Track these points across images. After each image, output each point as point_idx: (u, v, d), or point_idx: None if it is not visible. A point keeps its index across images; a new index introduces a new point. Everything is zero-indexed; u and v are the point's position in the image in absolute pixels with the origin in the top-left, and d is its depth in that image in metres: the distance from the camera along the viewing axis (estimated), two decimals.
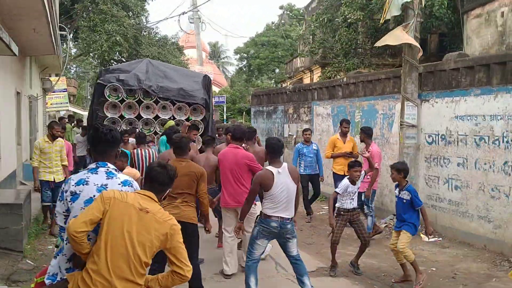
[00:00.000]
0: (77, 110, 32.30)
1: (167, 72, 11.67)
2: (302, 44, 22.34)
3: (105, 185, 3.04)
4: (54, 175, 7.91)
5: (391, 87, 9.25)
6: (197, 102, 10.98)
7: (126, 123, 11.13)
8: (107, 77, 10.99)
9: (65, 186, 3.07)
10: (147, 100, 11.00)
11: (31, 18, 8.82)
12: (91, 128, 3.29)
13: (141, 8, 26.58)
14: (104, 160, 3.15)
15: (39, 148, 7.79)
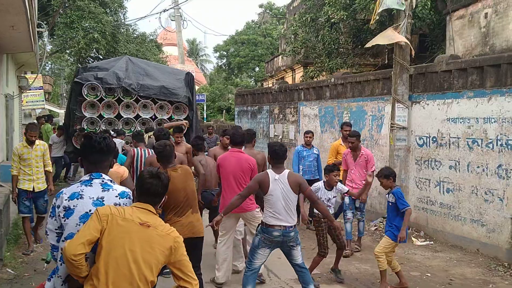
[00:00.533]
0: (52, 108, 31.55)
1: (147, 69, 11.36)
2: (285, 43, 22.20)
3: (101, 198, 2.81)
4: (34, 183, 7.09)
5: (381, 89, 9.16)
6: (180, 100, 10.72)
7: (106, 123, 10.81)
8: (85, 75, 10.68)
9: (57, 201, 2.81)
10: (127, 98, 10.74)
11: (10, 15, 8.40)
12: (83, 138, 3.01)
13: (118, 5, 26.07)
14: (98, 171, 2.91)
15: (18, 154, 6.95)
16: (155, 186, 2.78)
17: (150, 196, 2.79)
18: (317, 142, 10.99)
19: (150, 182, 2.78)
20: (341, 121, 10.21)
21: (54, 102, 37.14)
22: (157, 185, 2.78)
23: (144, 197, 2.79)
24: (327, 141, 10.70)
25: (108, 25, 22.94)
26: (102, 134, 3.03)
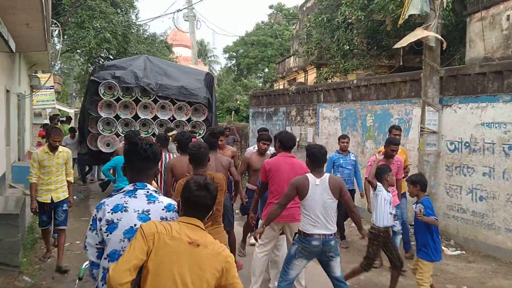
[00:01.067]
0: (62, 107, 31.37)
1: (166, 69, 10.97)
2: (298, 44, 21.91)
3: (147, 211, 2.53)
4: (53, 194, 6.43)
5: (408, 91, 8.84)
6: (199, 101, 10.33)
7: (122, 124, 10.44)
8: (101, 73, 10.30)
9: (98, 213, 2.54)
10: (145, 99, 10.33)
11: (26, 13, 8.18)
12: (128, 144, 2.72)
13: (130, 5, 25.91)
14: (142, 180, 2.64)
15: (38, 160, 6.29)
16: (203, 198, 2.48)
17: (198, 209, 2.50)
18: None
19: (199, 195, 2.47)
20: (364, 123, 9.91)
21: (63, 101, 36.99)
22: (205, 197, 2.48)
23: (192, 211, 2.49)
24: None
25: (119, 25, 22.76)
26: (147, 140, 2.73)
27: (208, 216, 2.57)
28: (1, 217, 6.12)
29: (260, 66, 40.11)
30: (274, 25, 36.44)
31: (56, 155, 6.34)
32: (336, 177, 4.61)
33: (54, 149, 6.30)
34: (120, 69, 10.49)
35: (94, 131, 10.57)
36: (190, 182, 2.54)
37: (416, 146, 8.49)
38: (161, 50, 27.28)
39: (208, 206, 2.52)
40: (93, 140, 10.69)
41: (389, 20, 15.90)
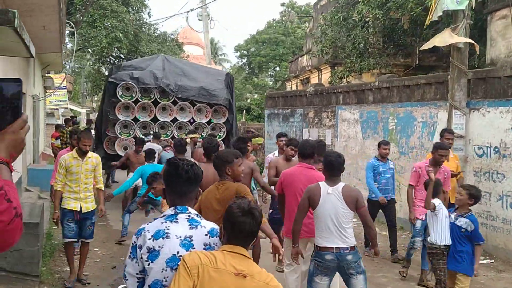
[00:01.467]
0: (74, 107, 31.43)
1: (185, 69, 10.62)
2: (312, 43, 21.65)
3: (190, 238, 2.35)
4: (82, 203, 5.87)
5: (433, 93, 8.59)
6: (220, 102, 10.02)
7: (140, 126, 10.17)
8: (119, 74, 9.99)
9: (138, 240, 2.37)
10: (164, 100, 10.02)
11: (43, 14, 8.07)
12: (168, 164, 2.53)
13: (141, 4, 25.82)
14: (183, 204, 2.46)
15: (65, 167, 5.75)
16: (248, 225, 2.29)
17: (242, 237, 2.31)
18: (358, 148, 10.48)
19: (243, 221, 2.28)
20: (386, 126, 9.67)
21: (74, 101, 37.03)
22: (250, 224, 2.29)
23: (236, 239, 2.31)
24: (369, 147, 10.15)
25: (130, 24, 22.68)
26: (188, 160, 2.54)
27: (252, 243, 2.39)
28: None
29: (272, 65, 39.88)
30: (286, 23, 36.13)
31: (85, 160, 5.83)
32: (352, 187, 4.33)
33: (83, 154, 5.80)
34: (137, 69, 10.17)
35: (111, 134, 10.31)
36: (233, 207, 2.35)
37: None
38: (172, 48, 27.17)
39: (253, 233, 2.34)
40: (110, 143, 10.44)
41: (406, 18, 15.63)
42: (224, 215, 2.38)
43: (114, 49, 23.86)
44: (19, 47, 5.03)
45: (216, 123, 10.32)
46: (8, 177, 1.37)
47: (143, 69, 10.13)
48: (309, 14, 33.84)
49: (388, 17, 16.05)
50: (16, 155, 1.44)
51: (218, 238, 2.42)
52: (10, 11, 3.79)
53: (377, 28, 17.33)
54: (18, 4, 7.23)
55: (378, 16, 15.36)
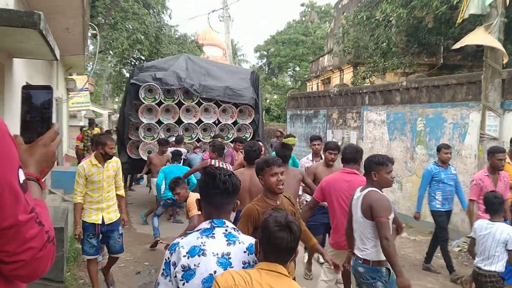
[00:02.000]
0: (95, 108, 31.67)
1: (209, 68, 10.22)
2: (334, 43, 21.39)
3: (227, 255, 2.18)
4: (104, 213, 5.33)
5: (464, 94, 8.29)
6: (246, 102, 9.62)
7: (164, 129, 9.85)
8: (142, 76, 9.63)
9: (172, 256, 2.20)
10: (188, 101, 9.64)
11: (67, 17, 8.04)
12: (203, 174, 2.37)
13: (162, 6, 25.91)
14: (220, 217, 2.28)
15: (85, 176, 5.19)
16: (286, 241, 2.09)
17: (280, 253, 2.12)
18: (385, 150, 10.21)
19: (281, 237, 2.09)
20: (414, 128, 9.38)
21: (96, 102, 37.37)
22: (288, 239, 2.09)
23: (273, 256, 2.12)
24: (396, 149, 9.88)
25: (151, 26, 22.73)
26: (225, 170, 2.38)
27: (292, 259, 2.20)
28: None
29: (291, 65, 39.64)
30: (307, 23, 35.85)
31: (106, 167, 5.31)
32: (374, 193, 3.77)
33: (108, 158, 5.29)
34: (160, 70, 9.84)
35: (135, 138, 10.00)
36: (269, 220, 2.15)
37: (473, 153, 7.96)
38: (192, 50, 27.17)
39: (292, 249, 2.14)
40: (133, 147, 10.13)
41: (431, 17, 15.28)
42: (259, 229, 2.20)
43: (135, 51, 23.97)
44: (44, 50, 4.94)
45: (242, 124, 9.96)
46: (39, 195, 1.23)
47: (165, 69, 9.78)
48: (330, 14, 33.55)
49: (412, 15, 15.73)
50: (47, 171, 1.30)
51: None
52: (35, 13, 3.69)
53: (400, 27, 17.01)
54: (42, 7, 7.20)
55: (402, 15, 15.04)
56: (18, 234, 1.05)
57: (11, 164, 1.04)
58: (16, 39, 4.36)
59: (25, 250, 1.07)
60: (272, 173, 3.40)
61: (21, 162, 1.22)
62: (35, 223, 1.09)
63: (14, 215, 1.03)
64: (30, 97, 1.31)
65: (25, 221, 1.06)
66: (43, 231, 1.11)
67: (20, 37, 4.17)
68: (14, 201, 1.03)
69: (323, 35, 34.31)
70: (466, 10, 7.57)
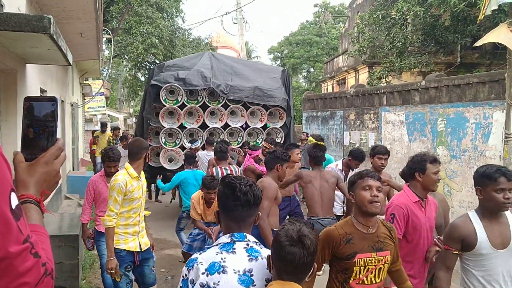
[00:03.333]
0: (111, 112, 31.83)
1: (236, 67, 9.27)
2: (350, 43, 21.16)
3: (249, 272, 2.01)
4: (140, 239, 4.37)
5: (487, 93, 8.04)
6: (278, 104, 8.80)
7: (187, 134, 9.00)
8: (163, 76, 8.67)
9: (190, 273, 2.04)
10: (213, 103, 8.78)
11: (81, 22, 8.02)
12: (222, 184, 2.22)
13: (175, 9, 25.99)
14: (241, 230, 2.12)
15: (125, 192, 4.15)
16: (298, 256, 1.90)
17: (293, 270, 1.94)
18: (405, 151, 9.98)
19: (293, 252, 1.90)
20: (434, 128, 9.14)
21: (112, 106, 37.58)
22: (301, 255, 1.90)
23: (285, 273, 1.94)
24: (416, 151, 9.63)
25: (165, 30, 22.77)
26: (246, 179, 2.21)
27: (309, 275, 2.02)
28: (60, 239, 5.86)
29: (305, 66, 39.44)
30: (322, 23, 35.62)
31: (143, 180, 4.44)
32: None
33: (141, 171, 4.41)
34: (182, 69, 8.89)
35: (155, 144, 9.24)
36: (280, 234, 1.96)
37: (498, 153, 7.70)
38: None
39: (305, 264, 1.94)
40: (153, 154, 9.38)
41: (447, 15, 15.00)
42: (272, 243, 2.04)
43: (150, 55, 24.03)
44: (56, 55, 4.87)
45: (273, 127, 9.13)
46: (39, 220, 1.07)
47: (188, 68, 8.89)
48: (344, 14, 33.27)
49: (429, 14, 15.46)
50: (48, 193, 1.15)
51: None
52: (45, 17, 3.59)
53: (417, 26, 16.73)
54: (56, 12, 7.18)
55: (419, 13, 14.78)
56: (10, 268, 0.90)
57: (1, 187, 0.89)
58: (28, 44, 4.28)
59: (18, 286, 0.92)
60: (365, 185, 2.82)
61: (20, 183, 1.09)
62: (29, 255, 0.94)
63: (4, 246, 0.88)
64: (32, 109, 1.18)
65: (18, 253, 0.91)
66: (39, 264, 0.96)
67: (31, 42, 4.09)
68: (3, 230, 0.88)
69: (337, 35, 34.05)
70: (488, 6, 7.31)
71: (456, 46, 16.82)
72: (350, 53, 20.21)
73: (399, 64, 16.09)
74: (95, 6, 7.07)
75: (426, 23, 16.14)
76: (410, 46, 16.82)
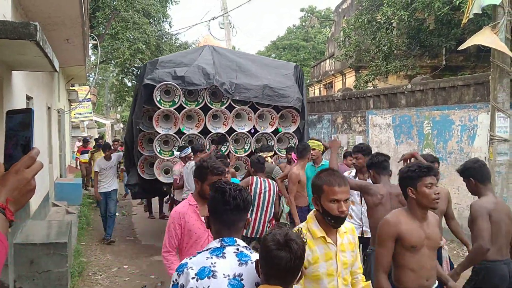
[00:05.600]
0: (98, 118, 31.62)
1: (241, 62, 8.07)
2: (336, 47, 21.31)
3: (239, 276, 2.02)
4: None
5: (472, 95, 8.16)
6: (292, 105, 7.62)
7: (186, 141, 7.72)
8: (158, 73, 7.44)
9: (180, 278, 2.05)
10: (216, 105, 7.57)
11: (67, 28, 7.98)
12: (212, 189, 2.22)
13: (162, 15, 25.97)
14: (231, 235, 2.13)
15: None
16: (285, 261, 1.90)
17: (280, 275, 1.94)
18: (391, 155, 10.05)
19: (280, 257, 1.90)
20: (421, 131, 9.24)
21: (98, 112, 37.35)
22: (287, 259, 1.90)
23: (273, 278, 1.94)
24: (403, 153, 9.72)
25: (152, 35, 22.73)
26: (235, 184, 2.23)
27: (297, 280, 2.03)
28: (48, 247, 5.81)
29: None
30: (308, 27, 35.82)
31: None
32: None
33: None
34: (179, 65, 7.69)
35: (148, 154, 8.06)
36: (267, 238, 1.98)
37: (483, 155, 7.80)
38: None
39: (292, 269, 1.95)
40: (145, 165, 8.20)
41: (432, 18, 15.21)
42: (259, 248, 2.04)
43: (137, 60, 23.97)
44: (42, 61, 4.84)
45: (285, 132, 7.97)
46: (2, 226, 1.08)
47: (187, 64, 7.69)
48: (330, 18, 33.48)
49: (413, 17, 15.64)
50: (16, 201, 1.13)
51: None
52: (31, 24, 3.58)
53: (402, 30, 16.91)
54: (41, 18, 7.13)
55: (404, 17, 14.95)
56: None
57: None
58: (14, 51, 4.26)
59: None
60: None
61: None
62: None
63: None
64: (11, 122, 1.21)
65: None
66: None
67: (18, 49, 4.07)
68: None
69: (324, 39, 34.27)
70: (471, 10, 7.43)
71: (441, 49, 17.01)
72: (337, 57, 20.34)
73: (385, 68, 16.22)
74: (81, 12, 7.04)
75: (411, 27, 16.31)
76: (395, 49, 16.98)
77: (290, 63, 9.07)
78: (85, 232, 9.35)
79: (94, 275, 6.88)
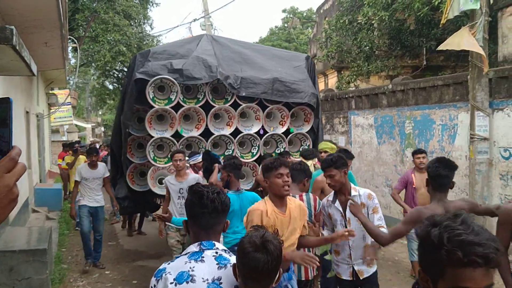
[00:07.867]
0: (78, 122, 31.26)
1: (246, 54, 7.10)
2: (317, 48, 21.38)
3: (218, 280, 2.01)
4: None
5: (451, 95, 8.24)
6: (305, 101, 6.67)
7: (184, 145, 6.62)
8: (151, 66, 6.35)
9: (158, 283, 2.02)
10: (218, 103, 6.56)
11: (45, 31, 7.85)
12: (190, 192, 2.18)
13: (143, 16, 25.80)
14: (210, 238, 2.12)
15: None
16: (262, 263, 1.89)
17: (259, 277, 1.92)
18: (374, 154, 10.13)
19: (257, 259, 1.89)
20: (402, 131, 9.31)
21: (79, 116, 36.92)
22: (264, 261, 1.89)
23: (250, 280, 1.92)
24: (385, 153, 9.80)
25: (133, 37, 22.57)
26: (212, 187, 2.20)
27: (274, 282, 2.00)
28: (28, 253, 5.71)
29: None
30: (290, 28, 35.91)
31: None
32: None
33: None
34: (175, 56, 6.63)
35: (139, 161, 6.88)
36: (243, 241, 1.97)
37: (464, 154, 7.90)
38: None
39: (269, 271, 1.93)
40: (135, 174, 6.99)
41: (412, 19, 15.37)
42: (236, 251, 2.02)
43: (118, 63, 23.77)
44: (19, 65, 4.76)
45: (297, 133, 7.02)
46: None
47: (183, 56, 6.64)
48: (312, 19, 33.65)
49: (394, 18, 15.78)
50: None
51: None
52: (7, 28, 3.51)
53: (383, 30, 17.05)
54: (19, 21, 7.01)
55: (384, 17, 15.06)
56: None
57: None
58: None
59: None
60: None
61: None
62: None
63: None
64: None
65: None
66: None
67: None
68: None
69: (306, 40, 34.39)
70: (450, 11, 7.51)
71: (421, 49, 17.19)
72: (319, 58, 20.41)
73: (367, 68, 16.32)
74: (59, 14, 6.94)
75: (391, 27, 16.45)
76: (377, 50, 17.10)
77: (300, 54, 8.08)
78: (66, 238, 9.20)
79: (75, 281, 6.77)
